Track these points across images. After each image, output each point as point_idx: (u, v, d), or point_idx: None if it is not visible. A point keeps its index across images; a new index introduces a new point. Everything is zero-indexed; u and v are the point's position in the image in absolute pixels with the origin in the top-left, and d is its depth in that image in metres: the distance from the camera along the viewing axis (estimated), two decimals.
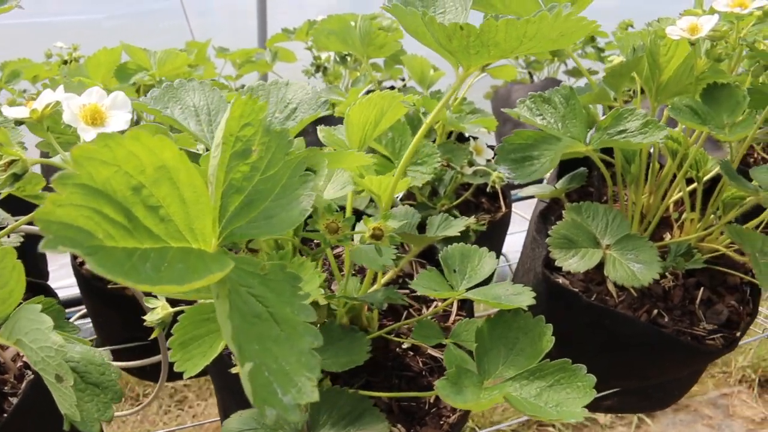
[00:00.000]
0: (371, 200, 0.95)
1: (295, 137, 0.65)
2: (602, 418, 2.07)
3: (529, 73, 2.18)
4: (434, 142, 1.15)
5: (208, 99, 0.63)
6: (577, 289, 0.85)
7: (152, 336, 0.69)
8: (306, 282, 0.53)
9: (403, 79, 1.70)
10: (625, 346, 0.83)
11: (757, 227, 0.90)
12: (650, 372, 0.88)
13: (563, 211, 0.82)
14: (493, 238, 1.22)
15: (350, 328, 0.63)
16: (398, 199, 1.05)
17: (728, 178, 0.75)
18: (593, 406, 0.94)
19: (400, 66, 1.60)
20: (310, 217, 0.61)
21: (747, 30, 0.80)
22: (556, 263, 0.76)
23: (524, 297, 0.60)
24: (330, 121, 1.26)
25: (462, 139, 1.23)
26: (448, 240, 0.74)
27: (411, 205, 1.08)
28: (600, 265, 0.79)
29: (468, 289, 0.65)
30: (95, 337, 1.20)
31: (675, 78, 0.80)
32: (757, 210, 0.86)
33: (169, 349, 0.55)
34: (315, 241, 0.67)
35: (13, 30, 2.04)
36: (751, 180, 0.80)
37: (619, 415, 2.06)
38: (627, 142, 0.69)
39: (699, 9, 0.83)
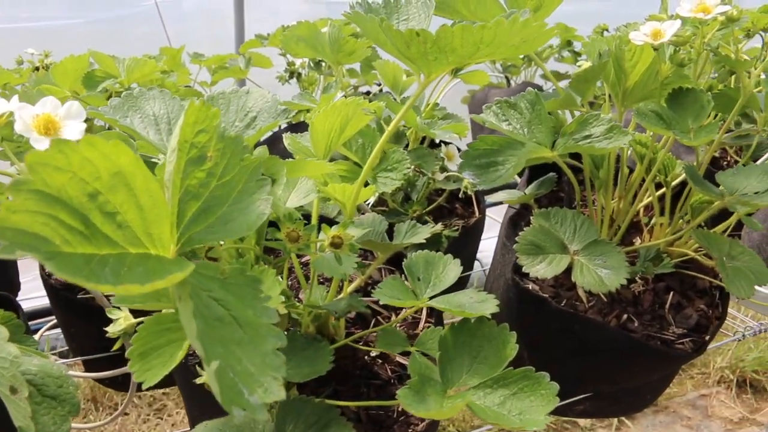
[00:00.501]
0: None
1: (265, 144, 0.64)
2: (582, 420, 2.08)
3: (506, 77, 2.18)
4: (407, 147, 1.15)
5: (168, 108, 0.62)
6: (546, 295, 0.85)
7: (114, 347, 0.68)
8: (267, 289, 0.52)
9: (379, 84, 1.69)
10: (595, 352, 0.83)
11: (724, 231, 0.90)
12: (620, 377, 0.88)
13: (532, 217, 0.82)
14: (467, 243, 1.21)
15: (314, 337, 0.62)
16: (369, 205, 1.05)
17: (693, 183, 0.76)
18: (566, 411, 0.94)
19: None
20: (274, 226, 0.60)
21: (711, 35, 0.80)
22: (523, 269, 0.76)
23: (488, 305, 0.60)
24: (304, 127, 1.25)
25: (437, 144, 1.23)
26: (420, 246, 0.74)
27: (383, 212, 1.08)
28: (570, 271, 0.79)
29: (432, 297, 0.65)
30: (66, 347, 1.19)
31: (641, 83, 0.81)
32: (725, 213, 0.86)
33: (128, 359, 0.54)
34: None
35: None
36: (718, 184, 0.81)
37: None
38: (591, 148, 0.69)
39: (664, 14, 0.83)
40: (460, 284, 1.27)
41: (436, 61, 0.55)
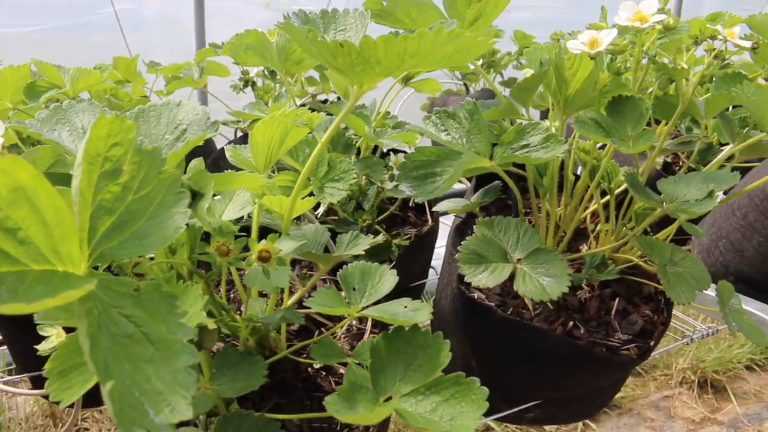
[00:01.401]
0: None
1: (217, 155, 0.64)
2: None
3: (465, 84, 2.19)
4: (359, 156, 1.15)
5: None
6: (492, 303, 0.85)
7: (46, 365, 0.66)
8: (190, 305, 0.51)
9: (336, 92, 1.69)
10: (540, 359, 0.83)
11: (667, 237, 0.91)
12: (566, 383, 0.88)
13: (475, 226, 0.82)
14: (421, 251, 1.21)
15: (248, 352, 0.62)
16: (319, 215, 1.04)
17: (633, 191, 0.76)
18: (517, 419, 0.94)
19: None
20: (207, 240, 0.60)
21: (650, 43, 0.81)
22: (465, 279, 0.75)
23: (422, 313, 0.60)
24: None
25: (388, 153, 1.23)
26: (370, 256, 0.74)
27: (334, 221, 1.08)
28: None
29: (366, 307, 0.64)
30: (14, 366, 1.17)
31: (581, 91, 0.81)
32: (672, 219, 0.87)
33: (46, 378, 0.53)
34: None
35: None
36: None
37: None
38: (527, 158, 0.69)
39: (603, 23, 0.84)
40: (416, 292, 1.27)
41: (363, 72, 0.54)
